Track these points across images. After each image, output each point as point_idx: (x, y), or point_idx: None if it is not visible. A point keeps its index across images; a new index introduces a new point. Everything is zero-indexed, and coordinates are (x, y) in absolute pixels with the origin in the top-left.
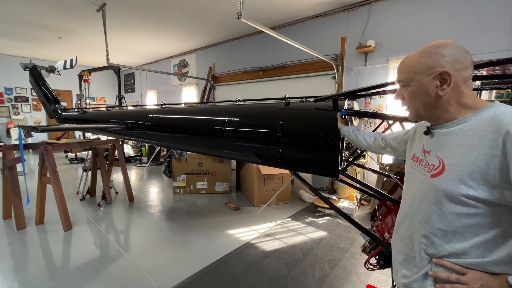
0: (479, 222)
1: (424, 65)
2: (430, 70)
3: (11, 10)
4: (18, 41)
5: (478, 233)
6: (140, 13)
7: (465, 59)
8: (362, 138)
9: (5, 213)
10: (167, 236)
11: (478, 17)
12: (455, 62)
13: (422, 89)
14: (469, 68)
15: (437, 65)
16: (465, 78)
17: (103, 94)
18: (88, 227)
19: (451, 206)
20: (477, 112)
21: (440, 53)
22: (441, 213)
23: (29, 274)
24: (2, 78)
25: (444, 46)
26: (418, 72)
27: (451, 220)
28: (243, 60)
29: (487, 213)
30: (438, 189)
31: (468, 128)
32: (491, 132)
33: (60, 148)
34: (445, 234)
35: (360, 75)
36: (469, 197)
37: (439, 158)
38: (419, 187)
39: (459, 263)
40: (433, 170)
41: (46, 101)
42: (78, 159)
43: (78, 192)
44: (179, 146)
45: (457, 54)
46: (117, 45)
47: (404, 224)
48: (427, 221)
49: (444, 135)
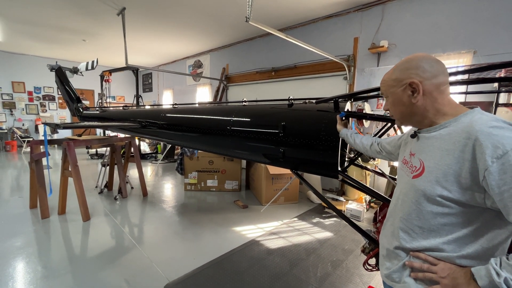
0: (452, 221)
1: (395, 79)
2: (400, 82)
3: (40, 14)
4: (46, 43)
5: (452, 231)
6: (157, 16)
7: (432, 67)
8: (360, 142)
9: (31, 203)
10: (177, 230)
11: (498, 16)
12: (422, 72)
13: (398, 99)
14: (438, 75)
15: (406, 78)
16: (436, 85)
17: (122, 93)
18: (105, 219)
19: (428, 206)
20: (456, 118)
21: (407, 67)
22: (419, 211)
23: (50, 259)
24: (31, 78)
25: (411, 60)
26: (392, 86)
27: (428, 219)
28: (256, 60)
29: (459, 213)
30: (418, 189)
31: (446, 133)
32: (463, 137)
33: (81, 144)
34: (423, 231)
35: (373, 76)
36: (443, 197)
37: (421, 161)
38: (403, 187)
39: (432, 255)
40: (415, 172)
41: (69, 100)
42: (98, 155)
43: (97, 185)
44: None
45: (422, 65)
46: (136, 46)
47: (389, 221)
48: (407, 218)
49: (426, 139)
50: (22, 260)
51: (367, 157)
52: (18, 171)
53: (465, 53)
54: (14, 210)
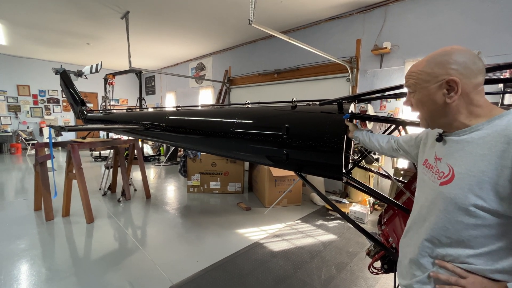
0: (486, 233)
1: (430, 74)
2: (436, 78)
3: (45, 19)
4: (50, 47)
5: (484, 244)
6: (160, 20)
7: (474, 65)
8: (375, 140)
9: (36, 205)
10: (180, 232)
11: (502, 17)
12: (463, 69)
13: (429, 96)
14: (479, 75)
15: (444, 73)
16: (474, 85)
17: (126, 96)
18: (108, 221)
19: (458, 216)
20: (490, 120)
21: (447, 61)
22: (447, 221)
23: (55, 261)
24: (36, 81)
25: (451, 53)
26: (424, 80)
27: (458, 229)
28: (258, 62)
29: (495, 224)
30: (447, 197)
31: (479, 137)
32: (502, 142)
33: (85, 146)
34: (451, 242)
35: (376, 78)
36: (477, 207)
37: (449, 166)
38: (429, 194)
39: (461, 267)
40: (443, 178)
41: (74, 102)
42: (101, 157)
43: (100, 188)
44: (192, 147)
45: (464, 61)
46: (139, 49)
47: (413, 229)
48: (433, 227)
49: (455, 142)
50: (26, 262)
51: (371, 159)
52: (22, 174)
53: None
54: (18, 212)
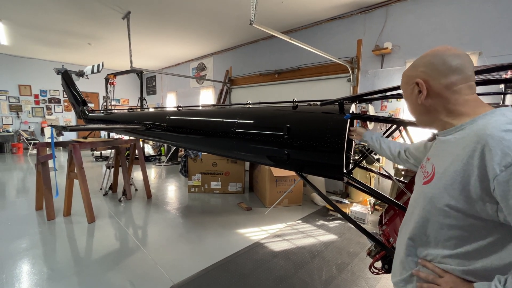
0: (458, 234)
1: (408, 76)
2: (411, 80)
3: (46, 19)
4: (52, 47)
5: (459, 245)
6: (161, 20)
7: (444, 65)
8: (387, 148)
9: (37, 205)
10: (181, 232)
11: (503, 17)
12: (430, 70)
13: (409, 98)
14: (450, 74)
15: (414, 75)
16: (446, 84)
17: (127, 96)
18: (110, 221)
19: (435, 215)
20: (474, 120)
21: (417, 64)
22: (426, 220)
23: (56, 260)
24: (38, 81)
25: (426, 56)
26: (405, 82)
27: (435, 229)
28: (259, 63)
29: (467, 226)
30: (426, 196)
31: (461, 137)
32: (473, 141)
33: (86, 146)
34: (429, 241)
35: (377, 78)
36: (451, 207)
37: (433, 166)
38: (415, 193)
39: (440, 266)
40: (426, 178)
41: (75, 102)
42: (102, 157)
43: (102, 187)
44: (193, 147)
45: (432, 63)
46: (140, 49)
47: (404, 228)
48: (414, 226)
49: (442, 142)
50: (28, 261)
51: (372, 159)
52: (24, 173)
53: (470, 54)
54: (20, 212)
